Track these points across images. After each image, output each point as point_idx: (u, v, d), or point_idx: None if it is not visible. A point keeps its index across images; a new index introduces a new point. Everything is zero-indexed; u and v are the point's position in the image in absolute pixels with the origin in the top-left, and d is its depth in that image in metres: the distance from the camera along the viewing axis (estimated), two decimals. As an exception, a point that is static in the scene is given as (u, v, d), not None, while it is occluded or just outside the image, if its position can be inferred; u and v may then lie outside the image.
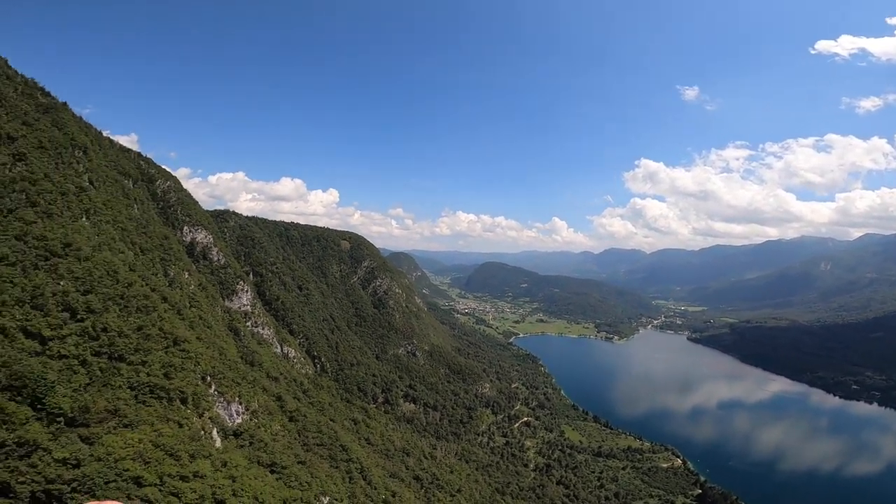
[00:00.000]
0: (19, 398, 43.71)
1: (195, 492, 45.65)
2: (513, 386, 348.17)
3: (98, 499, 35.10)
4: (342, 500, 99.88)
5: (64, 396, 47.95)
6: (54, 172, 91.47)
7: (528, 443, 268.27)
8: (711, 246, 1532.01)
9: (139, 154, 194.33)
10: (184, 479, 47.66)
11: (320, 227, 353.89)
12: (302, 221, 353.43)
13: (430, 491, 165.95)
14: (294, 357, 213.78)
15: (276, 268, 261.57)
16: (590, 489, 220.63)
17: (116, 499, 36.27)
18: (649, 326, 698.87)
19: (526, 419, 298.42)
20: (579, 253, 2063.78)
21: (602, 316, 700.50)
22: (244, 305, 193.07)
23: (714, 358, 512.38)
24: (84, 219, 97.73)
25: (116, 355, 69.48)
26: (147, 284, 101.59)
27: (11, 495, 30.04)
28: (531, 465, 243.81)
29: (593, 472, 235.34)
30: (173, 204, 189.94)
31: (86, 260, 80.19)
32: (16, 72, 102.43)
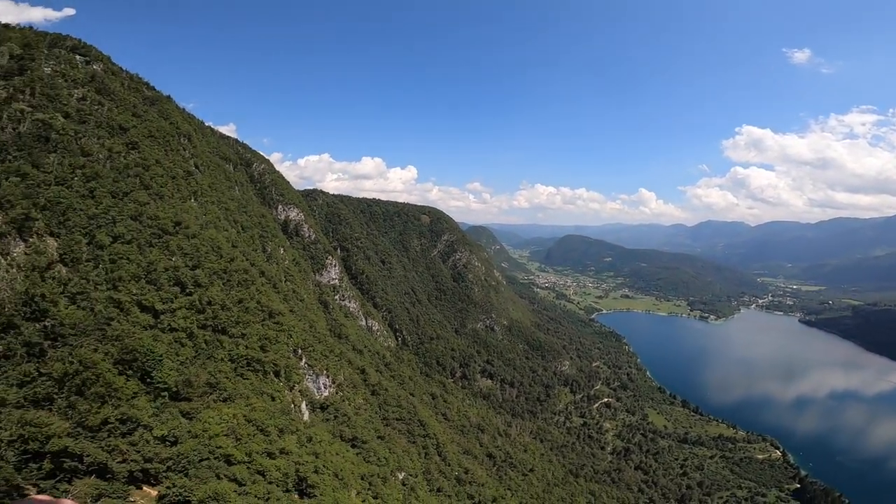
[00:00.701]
0: (129, 372, 46.13)
1: (279, 469, 45.77)
2: (593, 364, 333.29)
3: (190, 478, 35.08)
4: (417, 476, 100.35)
5: (171, 370, 50.34)
6: (164, 158, 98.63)
7: (606, 424, 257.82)
8: (832, 219, 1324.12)
9: (237, 140, 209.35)
10: (270, 455, 48.01)
11: (401, 203, 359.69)
12: (383, 198, 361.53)
13: (502, 469, 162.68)
14: (377, 330, 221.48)
15: (361, 243, 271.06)
16: (671, 476, 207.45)
17: (206, 477, 36.18)
18: (753, 306, 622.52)
19: (606, 400, 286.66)
20: (670, 225, 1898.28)
21: (696, 293, 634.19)
22: (333, 279, 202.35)
23: (830, 344, 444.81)
24: (192, 200, 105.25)
25: (220, 328, 73.52)
26: (247, 259, 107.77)
27: (109, 476, 30.78)
28: (608, 448, 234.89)
29: (676, 459, 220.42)
30: (268, 185, 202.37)
31: (194, 237, 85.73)
32: (120, 68, 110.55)
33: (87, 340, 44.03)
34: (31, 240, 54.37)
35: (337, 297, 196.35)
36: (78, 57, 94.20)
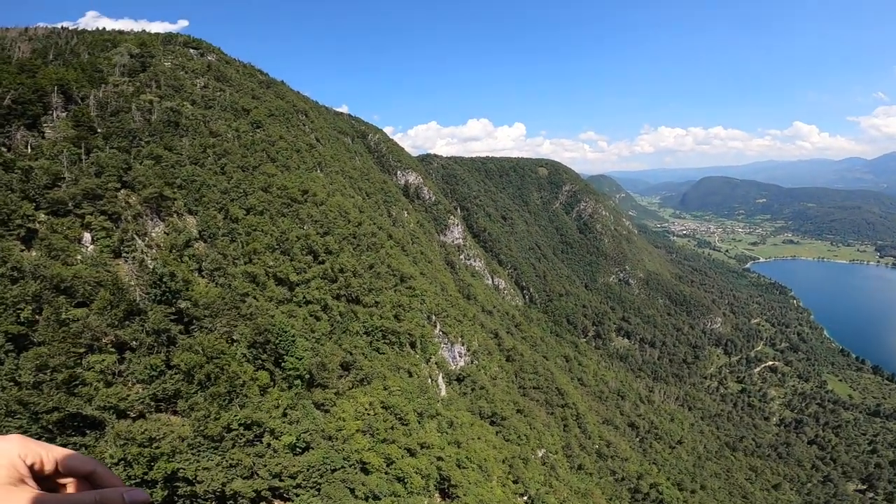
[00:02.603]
0: (263, 356, 40.70)
1: (419, 472, 36.87)
2: (752, 322, 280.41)
3: (322, 498, 26.71)
4: (557, 453, 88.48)
5: (305, 351, 44.46)
6: (287, 134, 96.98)
7: (772, 392, 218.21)
8: None
9: (350, 115, 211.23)
10: (410, 452, 39.39)
11: (515, 158, 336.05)
12: (495, 157, 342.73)
13: (646, 441, 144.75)
14: (504, 289, 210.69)
15: (480, 201, 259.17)
16: (855, 453, 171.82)
17: (340, 497, 27.60)
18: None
19: (771, 363, 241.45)
20: (842, 160, 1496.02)
21: (886, 237, 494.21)
22: (456, 239, 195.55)
23: None
24: (317, 170, 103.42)
25: (353, 297, 68.43)
26: (374, 223, 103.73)
27: (230, 501, 24.14)
28: (774, 419, 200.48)
29: (864, 435, 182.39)
30: (384, 153, 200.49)
31: (321, 204, 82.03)
32: (232, 58, 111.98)
33: (220, 322, 39.58)
34: (170, 219, 52.73)
35: (462, 256, 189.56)
36: (192, 51, 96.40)
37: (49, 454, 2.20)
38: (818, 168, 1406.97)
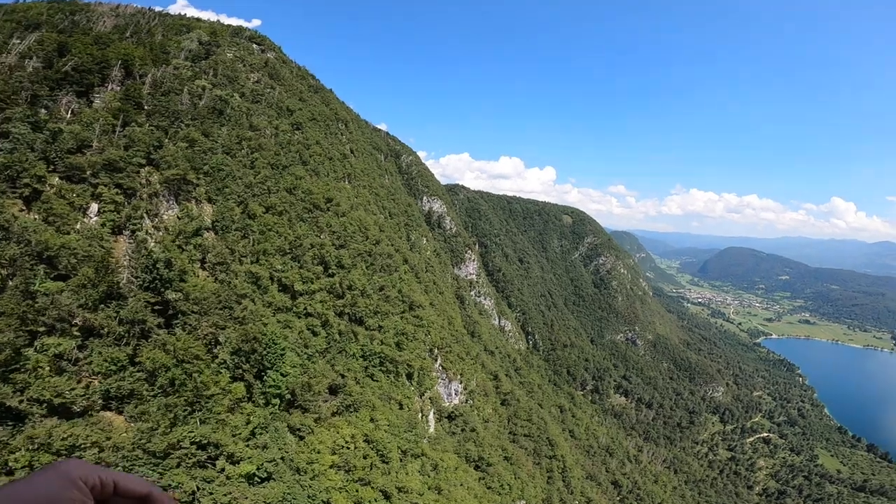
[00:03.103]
0: (246, 366, 36.75)
1: None
2: (754, 394, 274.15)
3: None
4: None
5: (293, 367, 40.35)
6: (323, 140, 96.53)
7: (761, 462, 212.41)
8: None
9: (388, 133, 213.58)
10: (386, 496, 34.32)
11: (541, 202, 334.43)
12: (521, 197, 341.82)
13: (626, 501, 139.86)
14: (510, 331, 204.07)
15: (500, 239, 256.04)
16: None
17: None
18: None
19: (765, 435, 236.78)
20: (875, 243, 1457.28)
21: None
22: (470, 274, 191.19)
23: None
24: (346, 181, 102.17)
25: (357, 317, 64.41)
26: (392, 245, 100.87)
27: None
28: (757, 489, 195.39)
29: None
30: (415, 176, 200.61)
31: (343, 216, 79.65)
32: (289, 58, 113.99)
33: (207, 321, 36.02)
34: (188, 204, 50.52)
35: (473, 292, 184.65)
36: (255, 46, 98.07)
37: (107, 477, 2.24)
38: (849, 249, 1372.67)
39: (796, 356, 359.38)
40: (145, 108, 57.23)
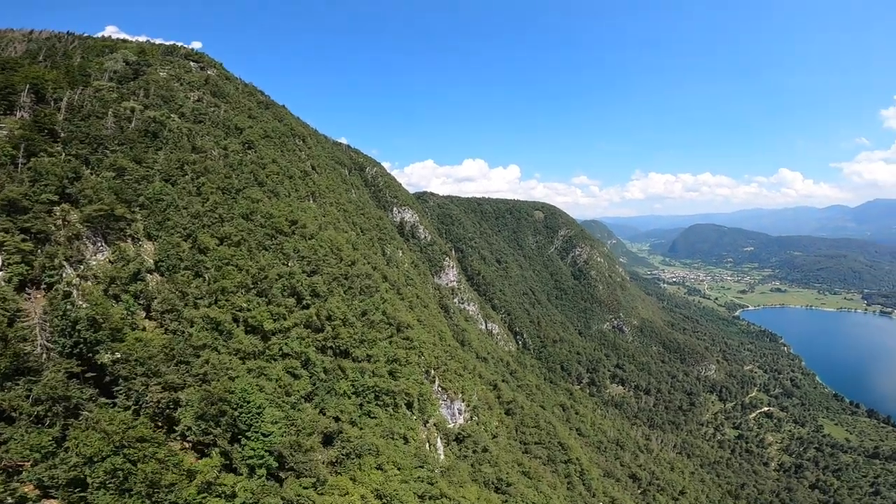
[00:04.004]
0: (216, 430, 29.32)
1: None
2: (745, 368, 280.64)
3: None
4: None
5: (275, 424, 33.12)
6: (280, 158, 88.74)
7: (769, 437, 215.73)
8: None
9: (349, 146, 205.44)
10: None
11: (511, 200, 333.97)
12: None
13: (648, 493, 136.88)
14: (498, 334, 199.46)
15: (475, 242, 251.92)
16: (858, 496, 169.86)
17: None
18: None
19: (766, 409, 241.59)
20: (825, 208, 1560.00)
21: (873, 284, 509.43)
22: (451, 281, 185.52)
23: None
24: (310, 200, 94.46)
25: (342, 349, 57.00)
26: (368, 263, 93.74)
27: None
28: (772, 465, 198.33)
29: (864, 477, 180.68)
30: (382, 188, 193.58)
31: (311, 238, 71.99)
32: (232, 74, 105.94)
33: (155, 383, 28.55)
34: (122, 244, 42.26)
35: (456, 300, 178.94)
36: (192, 63, 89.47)
37: None
38: (803, 216, 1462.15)
39: (776, 325, 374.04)
40: (61, 135, 48.63)
